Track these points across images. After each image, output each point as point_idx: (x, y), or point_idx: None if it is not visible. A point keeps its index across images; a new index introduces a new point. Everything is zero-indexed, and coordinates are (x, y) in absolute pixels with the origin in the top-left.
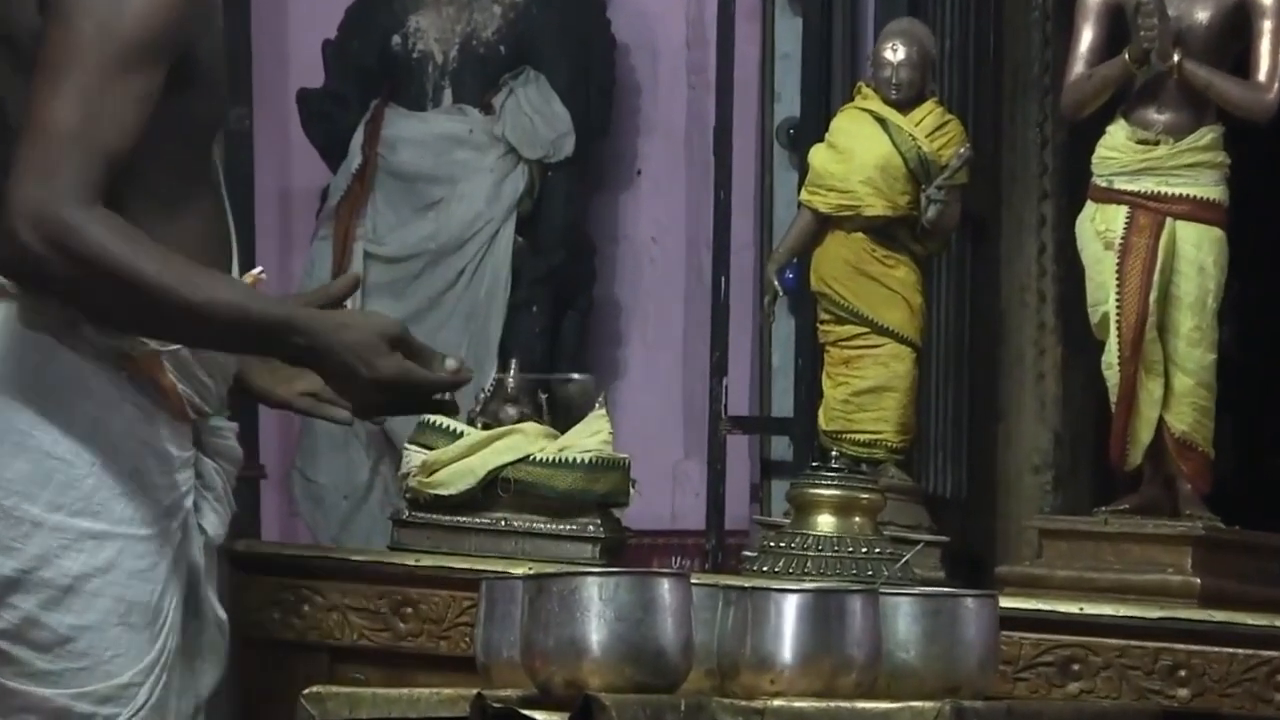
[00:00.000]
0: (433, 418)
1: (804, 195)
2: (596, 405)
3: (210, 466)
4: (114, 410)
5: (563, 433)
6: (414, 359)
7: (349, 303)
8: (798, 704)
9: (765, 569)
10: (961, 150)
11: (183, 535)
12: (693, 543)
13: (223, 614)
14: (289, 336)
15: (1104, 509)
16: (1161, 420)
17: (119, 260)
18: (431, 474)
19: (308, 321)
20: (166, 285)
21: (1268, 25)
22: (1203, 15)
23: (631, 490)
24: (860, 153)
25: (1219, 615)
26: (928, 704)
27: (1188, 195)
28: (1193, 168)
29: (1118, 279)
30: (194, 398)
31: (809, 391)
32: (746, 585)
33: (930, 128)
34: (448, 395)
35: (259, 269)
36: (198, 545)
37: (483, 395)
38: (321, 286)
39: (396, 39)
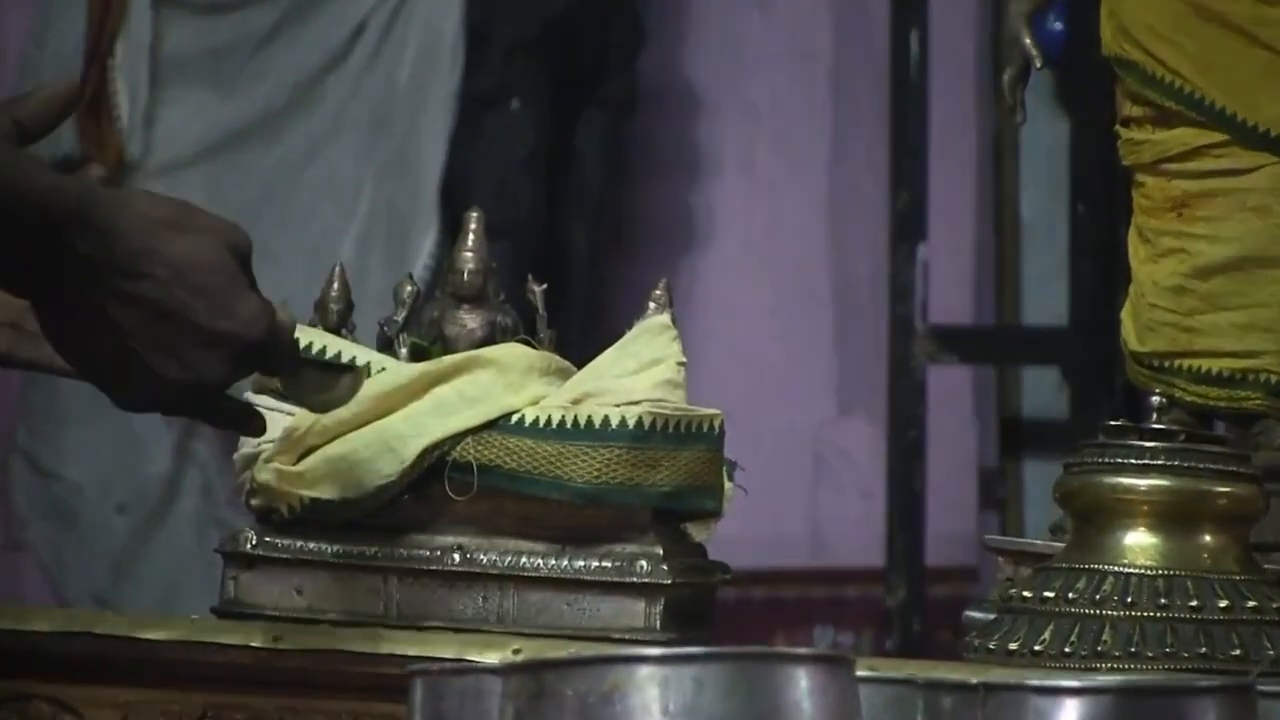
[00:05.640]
0: (303, 337)
1: None
2: (651, 306)
3: None
4: None
5: (583, 364)
6: None
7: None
8: None
9: (1014, 646)
10: None
11: None
12: (858, 593)
13: None
14: (72, 240)
15: None
16: None
17: None
18: (304, 456)
19: (110, 216)
20: None
21: None
22: None
23: (729, 485)
24: None
25: None
26: None
27: None
28: None
29: None
30: None
31: (1098, 274)
32: (974, 681)
33: None
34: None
35: None
36: None
37: (410, 289)
38: (30, 93)
39: None
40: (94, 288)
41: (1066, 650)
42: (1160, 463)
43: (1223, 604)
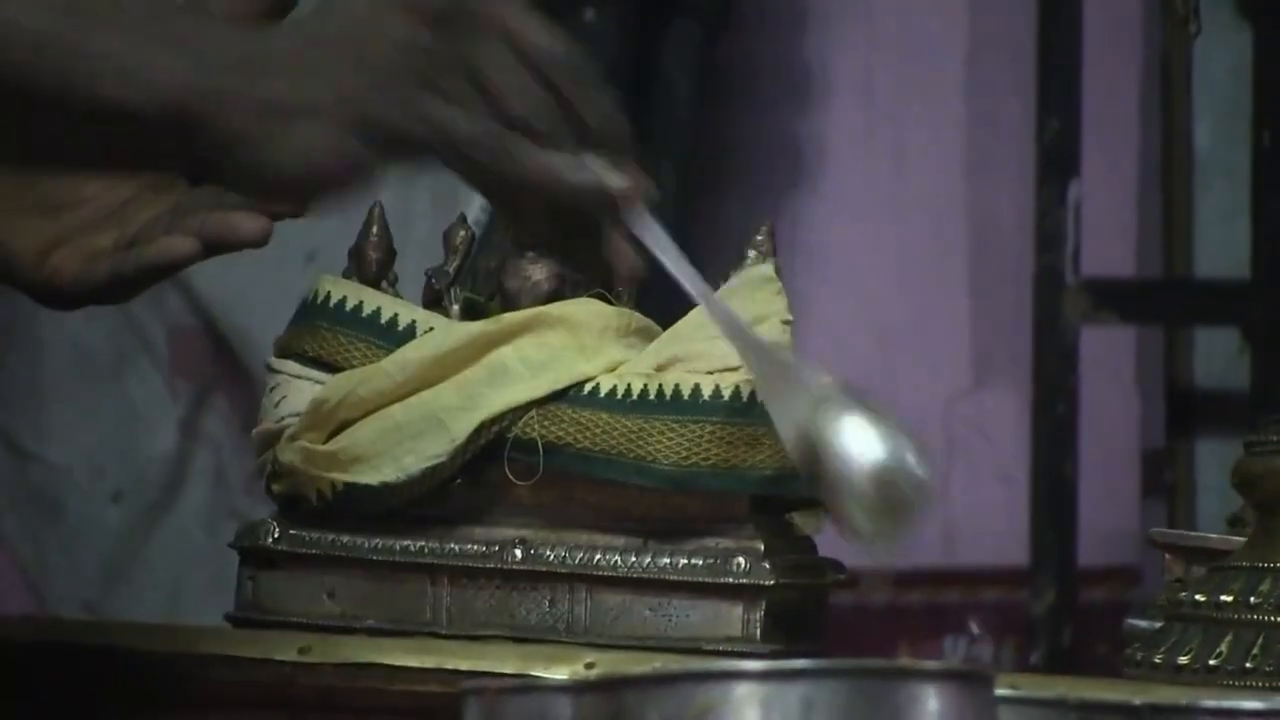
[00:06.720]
0: (335, 291)
1: None
2: (751, 254)
3: None
4: None
5: (669, 324)
6: None
7: None
8: None
9: (1185, 660)
10: None
11: None
12: (997, 598)
13: None
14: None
15: None
16: None
17: None
18: (337, 432)
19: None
20: None
21: None
22: None
23: None
24: None
25: None
26: None
27: None
28: None
29: None
30: None
31: None
32: (1137, 702)
33: None
34: None
35: None
36: None
37: (463, 234)
38: None
39: None
40: None
41: (1248, 665)
42: None
43: None
